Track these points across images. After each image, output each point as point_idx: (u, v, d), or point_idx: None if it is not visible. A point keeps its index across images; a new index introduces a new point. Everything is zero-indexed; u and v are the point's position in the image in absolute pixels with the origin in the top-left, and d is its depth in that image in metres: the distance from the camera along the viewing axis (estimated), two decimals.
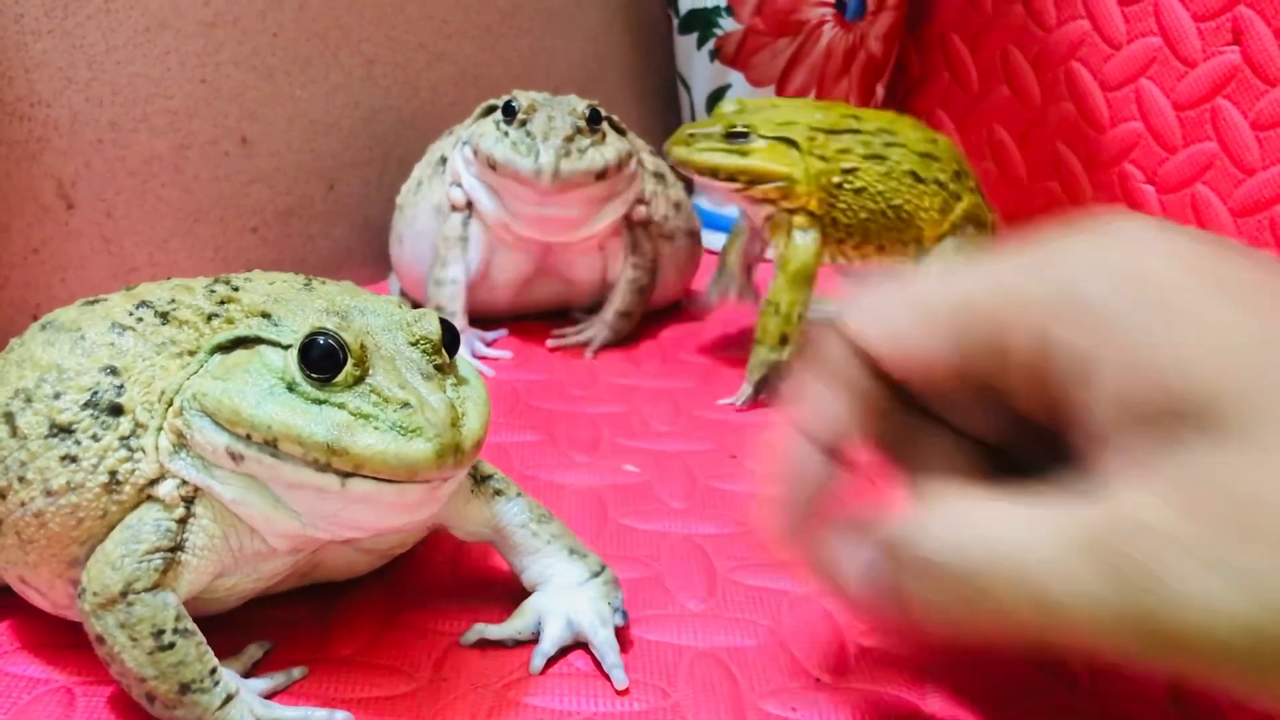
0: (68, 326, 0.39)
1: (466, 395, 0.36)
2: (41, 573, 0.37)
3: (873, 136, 0.67)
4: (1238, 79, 0.70)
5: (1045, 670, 0.40)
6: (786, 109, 0.67)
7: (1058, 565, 0.28)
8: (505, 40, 0.87)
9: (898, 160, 0.66)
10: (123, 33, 0.65)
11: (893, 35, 0.89)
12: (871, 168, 0.66)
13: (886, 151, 0.66)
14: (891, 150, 0.66)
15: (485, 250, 0.69)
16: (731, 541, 0.48)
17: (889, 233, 0.67)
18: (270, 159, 0.74)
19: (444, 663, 0.40)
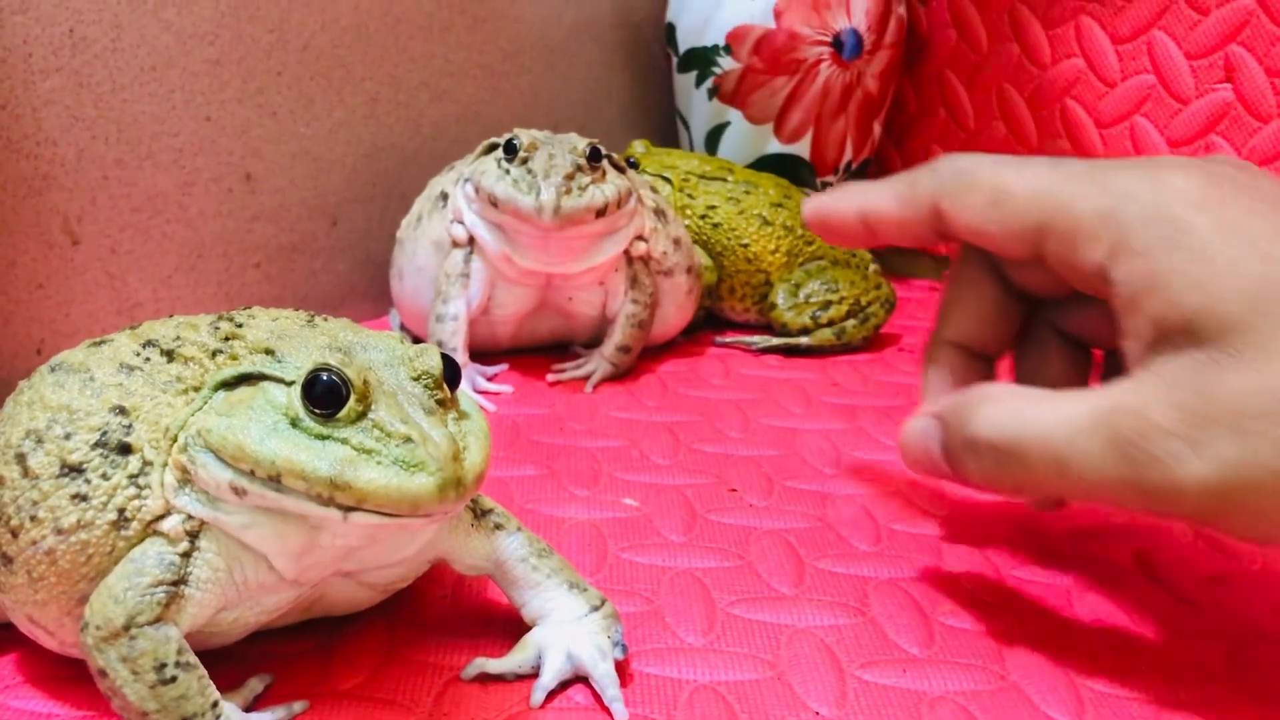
0: (76, 368, 0.39)
1: (468, 429, 0.36)
2: (50, 610, 0.37)
3: (736, 185, 0.84)
4: (1230, 116, 0.71)
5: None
6: (676, 157, 0.85)
7: (1077, 442, 0.38)
8: (507, 79, 0.88)
9: (751, 204, 0.83)
10: (129, 71, 0.66)
11: (889, 73, 0.90)
12: (728, 208, 0.82)
13: (743, 197, 0.83)
14: (748, 196, 0.83)
15: (486, 285, 0.69)
16: (731, 575, 0.48)
17: (740, 274, 0.82)
18: (274, 196, 0.75)
19: (444, 696, 0.40)
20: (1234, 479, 0.35)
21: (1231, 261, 0.36)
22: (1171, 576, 0.49)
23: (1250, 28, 0.69)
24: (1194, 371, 0.36)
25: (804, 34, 0.85)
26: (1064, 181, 0.41)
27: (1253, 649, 0.44)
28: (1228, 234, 0.37)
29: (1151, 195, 0.39)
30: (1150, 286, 0.37)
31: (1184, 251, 0.37)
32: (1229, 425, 0.35)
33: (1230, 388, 0.35)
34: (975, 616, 0.46)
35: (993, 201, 0.42)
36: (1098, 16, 0.77)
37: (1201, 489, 0.35)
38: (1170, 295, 0.37)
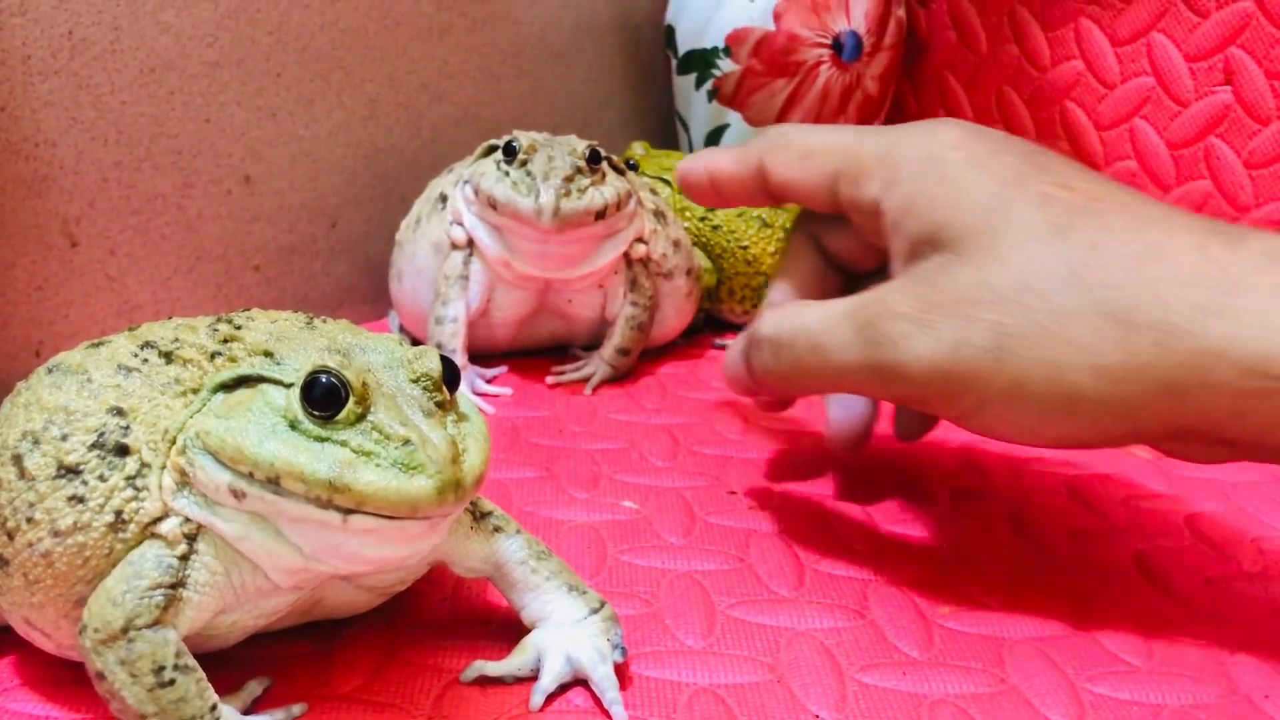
0: (74, 369, 0.39)
1: (467, 432, 0.36)
2: (47, 613, 0.37)
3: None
4: (1230, 118, 0.71)
5: None
6: (676, 159, 0.83)
7: (832, 329, 0.45)
8: (506, 81, 0.88)
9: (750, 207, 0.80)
10: (128, 73, 0.66)
11: (889, 75, 0.90)
12: (727, 210, 0.82)
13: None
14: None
15: (486, 288, 0.69)
16: (731, 578, 0.48)
17: (739, 276, 0.81)
18: (273, 198, 0.75)
19: (443, 699, 0.40)
20: (953, 356, 0.41)
21: (970, 185, 0.43)
22: (1171, 578, 0.49)
23: (1250, 30, 0.69)
24: (932, 271, 0.43)
25: (803, 36, 0.85)
26: (857, 136, 0.48)
27: (1253, 651, 0.44)
28: (973, 165, 0.43)
29: (921, 139, 0.46)
30: (909, 209, 0.44)
31: (936, 179, 0.44)
32: (953, 312, 0.41)
33: (957, 281, 0.41)
34: (975, 619, 0.46)
35: (801, 155, 0.49)
36: (1097, 19, 0.77)
37: (926, 366, 0.42)
38: (922, 213, 0.44)
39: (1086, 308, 0.40)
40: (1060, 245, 0.41)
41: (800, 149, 0.49)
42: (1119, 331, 0.39)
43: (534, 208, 0.62)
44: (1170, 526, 0.54)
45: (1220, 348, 0.38)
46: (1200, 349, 0.38)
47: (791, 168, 0.50)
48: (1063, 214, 0.41)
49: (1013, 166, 0.43)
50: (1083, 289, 0.40)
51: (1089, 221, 0.41)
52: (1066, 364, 0.40)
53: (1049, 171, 0.43)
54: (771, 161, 0.50)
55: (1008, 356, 0.40)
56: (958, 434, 0.64)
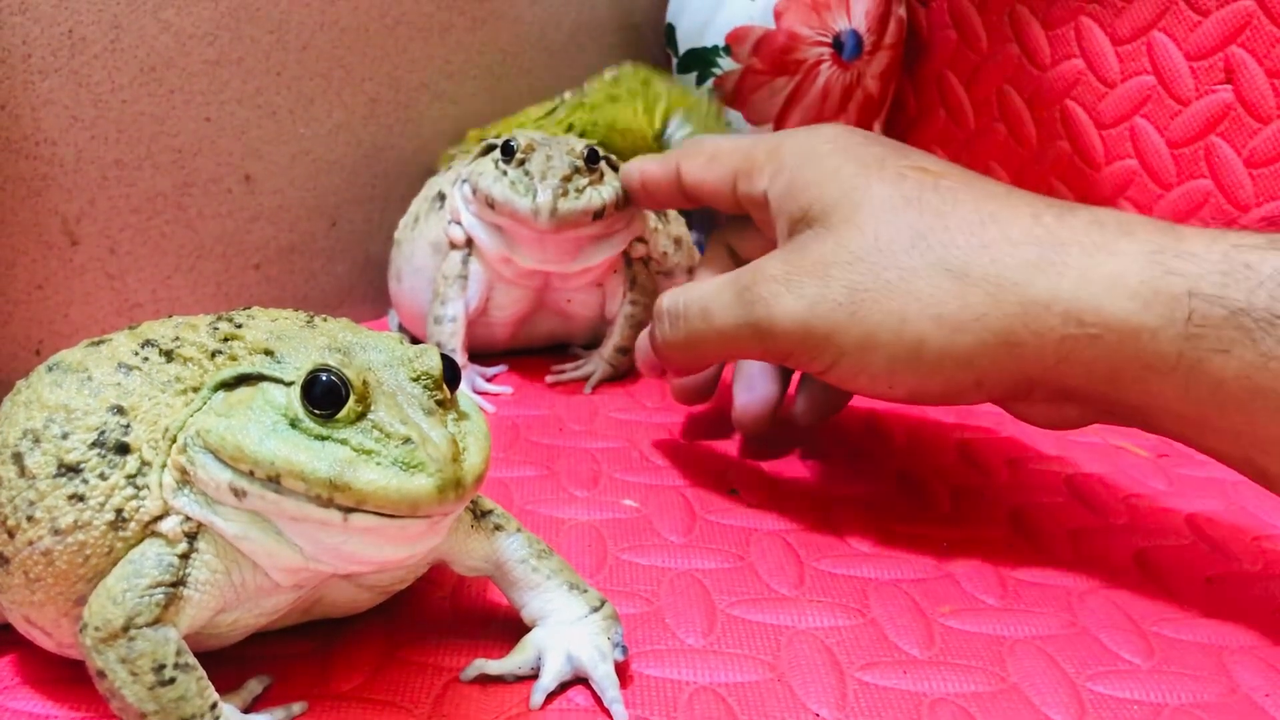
0: (74, 367, 0.39)
1: (468, 430, 0.36)
2: (48, 611, 0.37)
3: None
4: (1231, 117, 0.71)
5: None
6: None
7: (718, 296, 0.51)
8: (507, 80, 0.87)
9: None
10: (128, 71, 0.66)
11: (889, 74, 0.90)
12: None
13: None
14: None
15: (485, 287, 0.69)
16: (731, 576, 0.48)
17: None
18: (273, 196, 0.75)
19: (444, 698, 0.40)
20: (813, 312, 0.47)
21: (837, 167, 0.49)
22: (1171, 577, 0.49)
23: (1250, 29, 0.69)
24: (803, 241, 0.48)
25: (804, 35, 0.85)
26: (755, 140, 0.55)
27: (1253, 649, 0.44)
28: (842, 154, 0.49)
29: (803, 135, 0.52)
30: (787, 193, 0.50)
31: (811, 165, 0.50)
32: (815, 273, 0.47)
33: (821, 247, 0.47)
34: (975, 618, 0.46)
35: (709, 159, 0.56)
36: (1098, 17, 0.77)
37: (791, 320, 0.47)
38: (798, 194, 0.49)
39: (929, 265, 0.45)
40: (910, 213, 0.46)
41: (709, 153, 0.56)
42: (957, 285, 0.44)
43: (531, 208, 0.62)
44: (1170, 525, 0.54)
45: (1045, 298, 0.43)
46: (1027, 299, 0.43)
47: (700, 170, 0.56)
48: (914, 189, 0.47)
49: (876, 154, 0.49)
50: (926, 249, 0.45)
51: (938, 195, 0.46)
52: (910, 315, 0.45)
53: (908, 157, 0.49)
54: (685, 166, 0.57)
55: (860, 309, 0.46)
56: (958, 433, 0.64)
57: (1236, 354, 0.40)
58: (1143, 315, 0.41)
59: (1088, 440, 0.64)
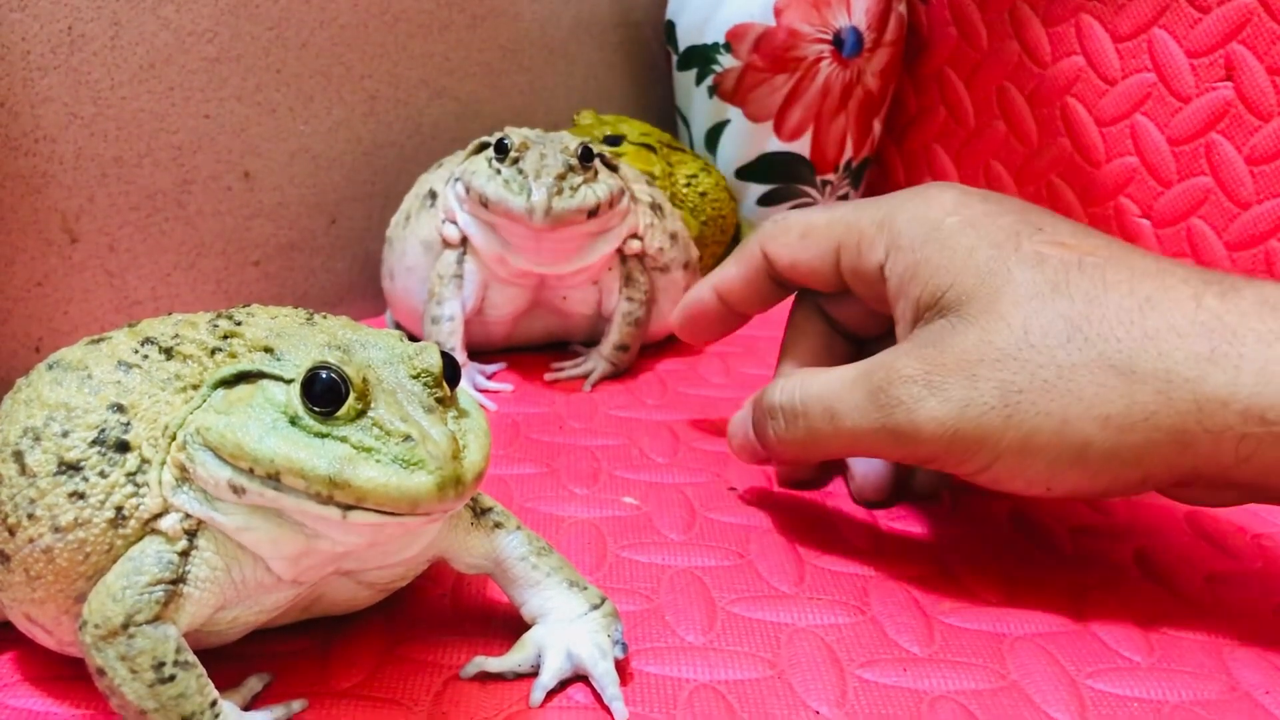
0: (74, 365, 0.39)
1: (468, 428, 0.36)
2: (48, 609, 0.37)
3: (694, 158, 0.87)
4: (1231, 114, 0.71)
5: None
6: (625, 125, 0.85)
7: (844, 395, 0.46)
8: (506, 77, 0.87)
9: (718, 178, 0.86)
10: (127, 69, 0.66)
11: (889, 72, 0.90)
12: (705, 177, 0.85)
13: (709, 168, 0.86)
14: (710, 169, 0.87)
15: (480, 286, 0.69)
16: (731, 574, 0.48)
17: (715, 245, 0.84)
18: (272, 194, 0.75)
19: (444, 695, 0.40)
20: (963, 415, 0.42)
21: (969, 249, 0.44)
22: (1171, 576, 0.49)
23: (1251, 26, 0.69)
24: (937, 333, 0.44)
25: (804, 32, 0.85)
26: (855, 208, 0.50)
27: (1253, 647, 0.44)
28: (969, 229, 0.45)
29: (916, 205, 0.47)
30: (912, 275, 0.46)
31: (936, 244, 0.45)
32: (960, 372, 0.42)
33: (963, 342, 0.43)
34: (976, 615, 0.46)
35: (802, 235, 0.51)
36: (1098, 15, 0.77)
37: (937, 425, 0.43)
38: (925, 279, 0.45)
39: (1090, 360, 0.41)
40: (1060, 301, 0.42)
41: (800, 229, 0.52)
42: (1122, 382, 0.40)
43: (525, 206, 0.62)
44: (1170, 523, 0.54)
45: (1221, 395, 0.39)
46: (1202, 396, 0.39)
47: (793, 248, 0.52)
48: (1059, 271, 0.43)
49: (1007, 228, 0.45)
50: (1085, 343, 0.41)
51: (1085, 277, 0.42)
52: (1073, 416, 0.41)
53: (1043, 230, 0.44)
54: (773, 247, 0.53)
55: (1016, 412, 0.41)
56: None
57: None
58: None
59: None
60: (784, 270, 0.53)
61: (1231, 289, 0.41)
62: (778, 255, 0.53)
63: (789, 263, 0.52)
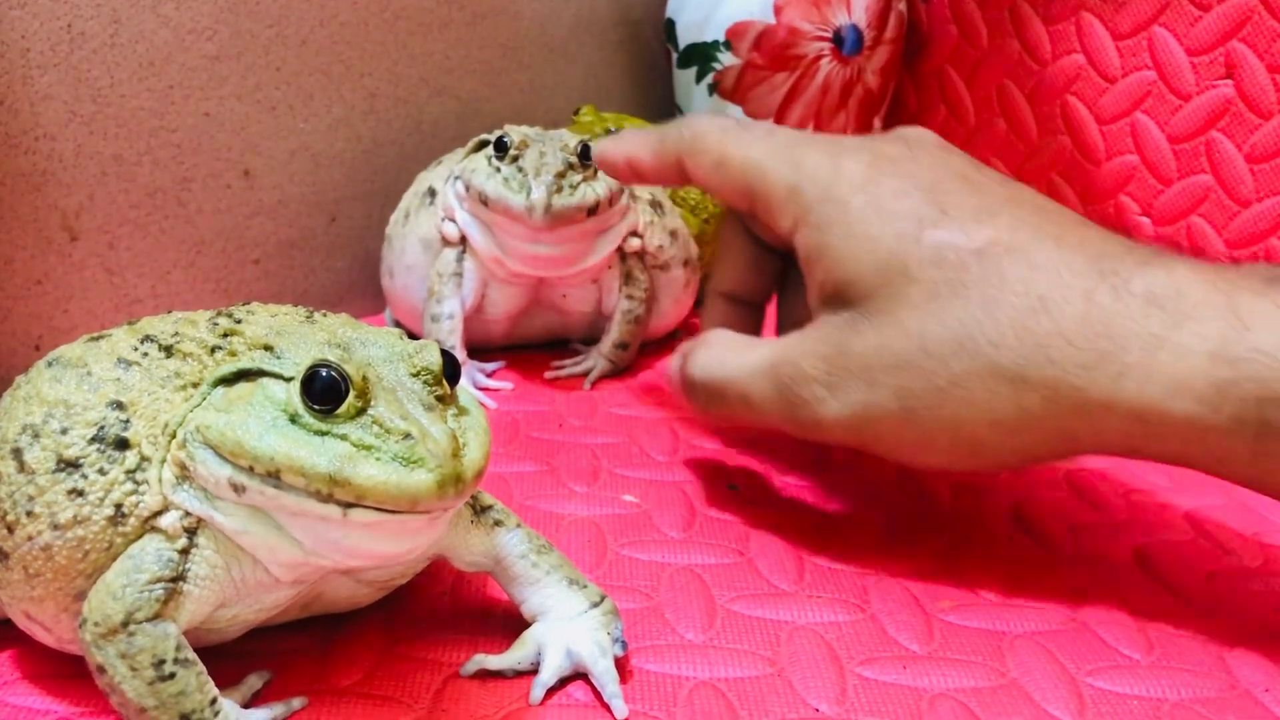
0: (74, 363, 0.39)
1: (467, 426, 0.36)
2: (47, 607, 0.37)
3: None
4: (1231, 112, 0.71)
5: None
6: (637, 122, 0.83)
7: (755, 385, 0.48)
8: (506, 75, 0.87)
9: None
10: (127, 67, 0.66)
11: (890, 69, 0.90)
12: None
13: None
14: None
15: (479, 284, 0.69)
16: (731, 572, 0.48)
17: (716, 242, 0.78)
18: (272, 192, 0.75)
19: (443, 693, 0.40)
20: (863, 416, 0.45)
21: (873, 238, 0.45)
22: (1171, 574, 0.49)
23: (1251, 24, 0.69)
24: (838, 330, 0.45)
25: (804, 30, 0.85)
26: (770, 155, 0.49)
27: (1253, 645, 0.44)
28: (875, 213, 0.45)
29: (826, 176, 0.47)
30: (818, 257, 0.47)
31: (840, 228, 0.46)
32: (860, 376, 0.44)
33: (862, 344, 0.44)
34: (975, 613, 0.46)
35: (716, 164, 0.51)
36: (1098, 12, 0.77)
37: (837, 423, 0.45)
38: (829, 265, 0.46)
39: (981, 369, 0.42)
40: (955, 305, 0.43)
41: (715, 157, 0.51)
42: (1012, 390, 0.42)
43: (525, 205, 0.62)
44: (1171, 521, 0.54)
45: (1106, 400, 0.41)
46: (1087, 402, 0.41)
47: (707, 173, 0.52)
48: (957, 270, 0.43)
49: (911, 213, 0.45)
50: (977, 351, 0.42)
51: (983, 274, 0.43)
52: (966, 420, 0.43)
53: (947, 213, 0.44)
54: (691, 163, 0.53)
55: (912, 416, 0.44)
56: None
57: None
58: (1212, 418, 0.39)
59: None
60: (700, 185, 0.54)
61: (1124, 284, 0.41)
62: (692, 171, 0.53)
63: (702, 182, 0.53)
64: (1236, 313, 0.39)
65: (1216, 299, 0.40)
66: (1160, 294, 0.41)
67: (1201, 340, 0.39)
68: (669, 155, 0.54)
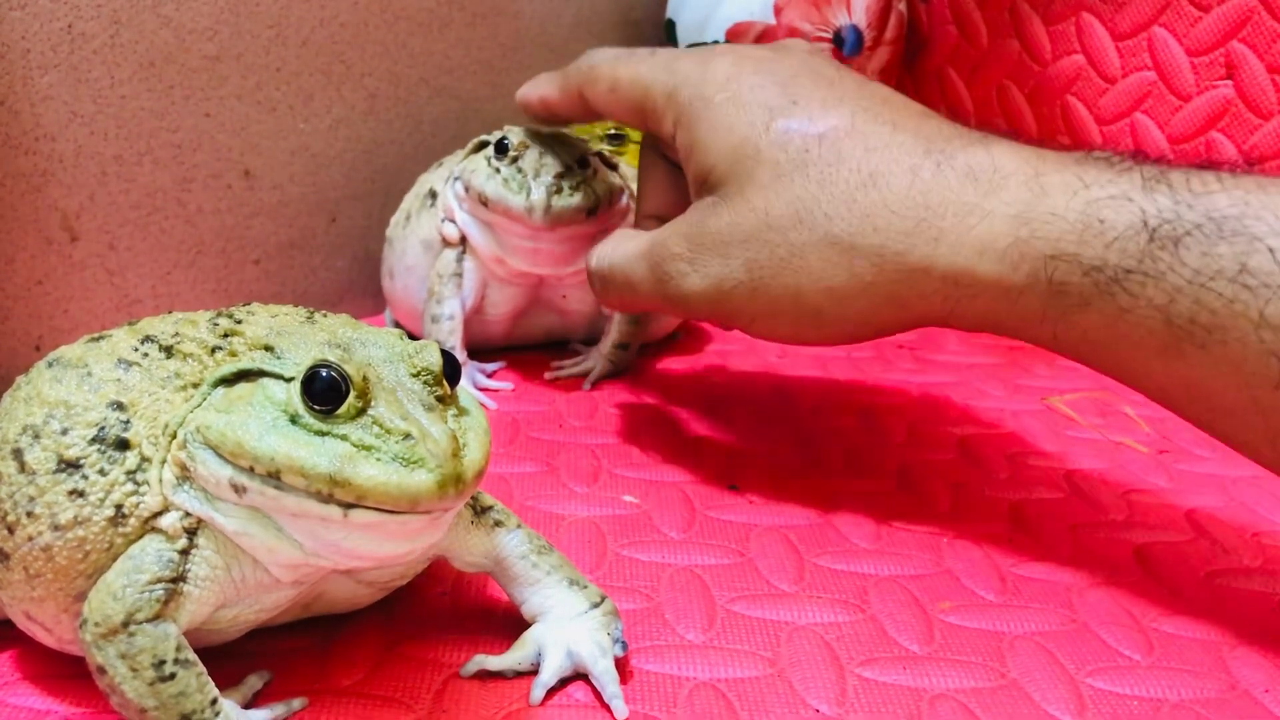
0: (74, 363, 0.39)
1: (468, 426, 0.36)
2: (48, 607, 0.37)
3: None
4: (1231, 113, 0.71)
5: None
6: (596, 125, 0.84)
7: (635, 267, 0.54)
8: (506, 74, 0.87)
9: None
10: (127, 67, 0.66)
11: (890, 70, 0.90)
12: None
13: None
14: None
15: (479, 284, 0.69)
16: (731, 572, 0.48)
17: None
18: (273, 192, 0.75)
19: (444, 694, 0.40)
20: (719, 288, 0.50)
21: (730, 128, 0.50)
22: (1171, 574, 0.49)
23: (1251, 24, 0.69)
24: (700, 212, 0.51)
25: (804, 30, 0.85)
26: (651, 70, 0.54)
27: (1253, 645, 0.44)
28: (734, 107, 0.50)
29: (698, 78, 0.52)
30: (690, 152, 0.52)
31: (706, 123, 0.51)
32: (715, 251, 0.49)
33: (717, 222, 0.49)
34: (975, 614, 0.46)
35: (610, 88, 0.56)
36: (1098, 13, 0.77)
37: (700, 296, 0.50)
38: (697, 157, 0.51)
39: (817, 240, 0.47)
40: (796, 182, 0.47)
41: (608, 82, 0.56)
42: (843, 258, 0.46)
43: (525, 205, 0.62)
44: (1170, 521, 0.54)
45: (924, 264, 0.45)
46: (910, 266, 0.45)
47: (604, 98, 0.57)
48: (800, 151, 0.48)
49: (765, 103, 0.49)
50: (813, 224, 0.47)
51: (822, 154, 0.47)
52: (805, 287, 0.47)
53: (797, 103, 0.49)
54: (589, 92, 0.58)
55: (760, 285, 0.48)
56: (958, 430, 0.64)
57: (1095, 307, 0.42)
58: (1011, 277, 0.43)
59: (1088, 436, 0.64)
60: (600, 111, 0.58)
61: (947, 159, 0.46)
62: (592, 100, 0.58)
63: (601, 108, 0.58)
64: (1040, 182, 0.44)
65: (1026, 170, 0.44)
66: (978, 168, 0.45)
67: (1006, 205, 0.44)
68: (572, 88, 0.59)
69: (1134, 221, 0.41)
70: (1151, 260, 0.40)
